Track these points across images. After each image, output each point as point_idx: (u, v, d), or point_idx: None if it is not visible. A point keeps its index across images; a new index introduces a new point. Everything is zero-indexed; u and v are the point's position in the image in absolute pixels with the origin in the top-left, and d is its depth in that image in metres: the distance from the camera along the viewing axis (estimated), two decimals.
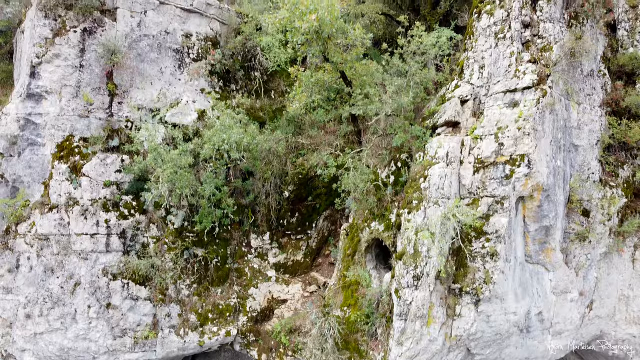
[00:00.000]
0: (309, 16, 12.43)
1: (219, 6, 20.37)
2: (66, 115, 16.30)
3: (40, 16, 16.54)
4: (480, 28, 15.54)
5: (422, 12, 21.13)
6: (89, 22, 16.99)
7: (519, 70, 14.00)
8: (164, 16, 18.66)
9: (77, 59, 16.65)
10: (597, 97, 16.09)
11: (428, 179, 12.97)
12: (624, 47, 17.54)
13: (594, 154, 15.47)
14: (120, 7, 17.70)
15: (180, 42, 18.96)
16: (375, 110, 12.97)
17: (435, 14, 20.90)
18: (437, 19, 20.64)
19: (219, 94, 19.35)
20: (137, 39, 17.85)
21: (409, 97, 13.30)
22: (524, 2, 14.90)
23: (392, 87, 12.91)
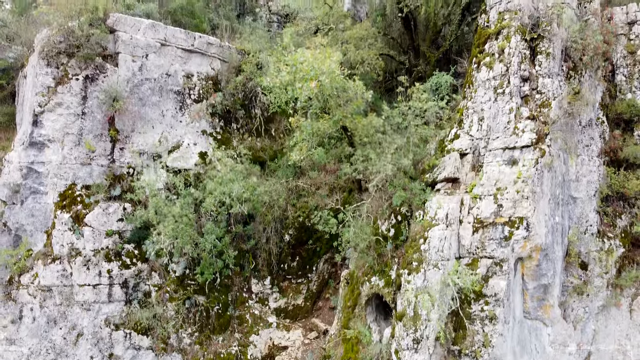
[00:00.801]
0: (310, 83, 12.55)
1: (220, 44, 20.48)
2: (68, 163, 16.42)
3: (43, 64, 16.65)
4: (479, 79, 15.65)
5: (422, 48, 21.25)
6: (91, 69, 17.11)
7: (518, 128, 14.13)
8: (165, 58, 18.77)
9: (79, 107, 16.77)
10: (595, 147, 16.22)
11: (428, 241, 13.11)
12: (623, 93, 17.69)
13: (592, 206, 15.60)
14: (122, 52, 17.80)
15: (182, 84, 19.08)
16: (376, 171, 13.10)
17: (435, 52, 21.03)
18: (437, 57, 20.77)
19: (220, 135, 19.48)
20: (138, 84, 17.96)
21: (409, 160, 13.43)
22: (522, 57, 15.02)
23: (392, 149, 13.04)
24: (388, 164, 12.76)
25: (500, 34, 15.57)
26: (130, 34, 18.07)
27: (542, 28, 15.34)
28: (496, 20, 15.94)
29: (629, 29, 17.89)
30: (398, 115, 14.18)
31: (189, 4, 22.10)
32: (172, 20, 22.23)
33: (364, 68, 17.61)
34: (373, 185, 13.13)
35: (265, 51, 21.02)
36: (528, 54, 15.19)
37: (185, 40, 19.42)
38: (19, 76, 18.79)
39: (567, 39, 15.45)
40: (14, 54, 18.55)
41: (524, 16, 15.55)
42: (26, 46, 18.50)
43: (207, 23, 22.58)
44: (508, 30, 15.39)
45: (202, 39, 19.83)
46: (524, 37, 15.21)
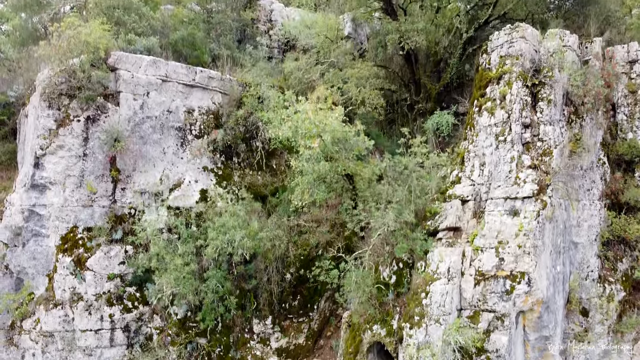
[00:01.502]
0: (312, 141, 12.57)
1: (220, 78, 20.47)
2: (70, 206, 16.43)
3: (44, 106, 16.65)
4: (481, 124, 15.67)
5: (423, 80, 21.25)
6: (92, 109, 17.10)
7: (520, 178, 14.15)
8: (166, 94, 18.77)
9: (80, 149, 16.77)
10: (596, 190, 16.26)
11: (430, 296, 13.14)
12: (624, 132, 17.72)
13: (594, 251, 15.64)
14: (124, 91, 17.81)
15: (183, 120, 19.08)
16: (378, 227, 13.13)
17: (436, 84, 21.02)
18: (439, 89, 20.77)
19: (222, 170, 19.48)
20: (140, 122, 17.96)
21: (411, 212, 13.46)
22: (524, 104, 15.05)
23: (393, 203, 13.07)
24: (390, 221, 12.80)
25: (502, 79, 15.59)
26: (132, 72, 18.07)
27: (543, 74, 15.37)
28: (497, 64, 15.96)
29: (629, 67, 17.92)
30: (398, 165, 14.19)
31: (190, 36, 22.06)
32: (173, 51, 22.18)
33: (365, 108, 17.63)
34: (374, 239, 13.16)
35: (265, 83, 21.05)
36: (529, 100, 15.21)
37: (187, 75, 19.42)
38: (20, 114, 18.79)
39: (568, 84, 15.47)
40: (15, 93, 18.54)
41: (525, 61, 15.59)
42: (27, 84, 18.48)
43: (208, 54, 22.54)
44: (509, 76, 15.42)
45: (203, 73, 19.83)
46: (525, 84, 15.24)
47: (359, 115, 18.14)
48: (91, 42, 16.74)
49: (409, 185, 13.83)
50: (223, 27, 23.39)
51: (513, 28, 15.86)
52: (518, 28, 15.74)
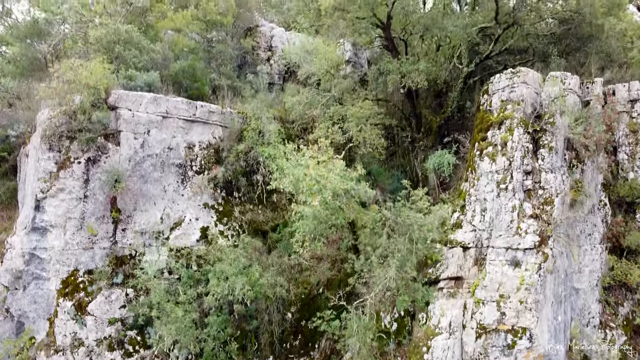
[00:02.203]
0: (313, 198, 12.55)
1: (221, 112, 20.44)
2: (71, 249, 16.41)
3: (45, 148, 16.63)
4: (482, 168, 15.66)
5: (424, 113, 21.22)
6: (93, 150, 17.08)
7: (521, 228, 14.15)
8: (167, 130, 18.73)
9: (81, 190, 16.75)
10: (597, 234, 16.26)
11: (431, 351, 13.15)
12: (625, 171, 17.72)
13: (595, 296, 15.65)
14: (124, 130, 17.78)
15: (183, 156, 19.04)
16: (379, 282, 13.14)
17: (437, 117, 20.97)
18: (439, 122, 20.73)
19: (222, 206, 19.46)
20: (140, 161, 17.93)
21: (413, 268, 13.45)
22: (525, 151, 15.04)
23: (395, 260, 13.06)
24: (391, 279, 12.80)
25: (503, 125, 15.59)
26: (132, 110, 18.04)
27: (544, 120, 15.38)
28: (499, 108, 15.96)
29: (631, 106, 17.93)
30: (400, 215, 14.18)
31: (190, 67, 22.00)
32: (173, 82, 22.15)
33: (365, 149, 17.63)
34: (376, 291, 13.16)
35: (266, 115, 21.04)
36: (531, 147, 15.21)
37: (187, 110, 19.39)
38: (20, 152, 18.76)
39: (569, 130, 15.45)
40: (16, 132, 18.51)
41: (526, 106, 15.59)
42: (27, 123, 18.46)
43: (209, 85, 22.47)
44: (511, 122, 15.41)
45: (204, 108, 19.80)
46: (526, 130, 15.24)
47: (360, 155, 18.13)
48: (92, 84, 16.70)
49: (410, 235, 13.82)
50: (223, 56, 23.35)
51: (514, 73, 15.85)
52: (519, 73, 15.74)
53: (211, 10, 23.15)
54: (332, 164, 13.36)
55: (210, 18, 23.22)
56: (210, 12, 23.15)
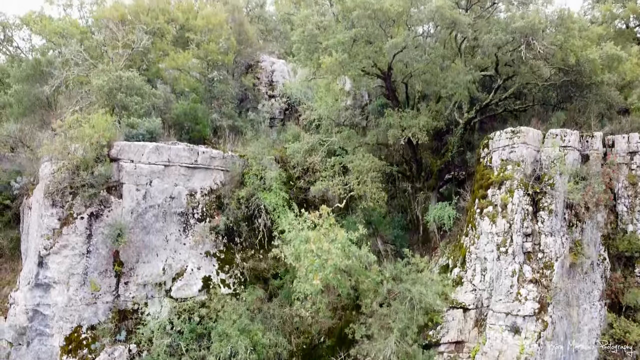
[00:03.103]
0: (315, 276, 12.65)
1: (222, 156, 20.54)
2: (74, 305, 16.51)
3: (48, 204, 16.73)
4: (483, 228, 15.78)
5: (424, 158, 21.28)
6: (96, 205, 17.17)
7: (521, 294, 14.27)
8: (169, 178, 18.82)
9: (84, 246, 16.85)
10: (597, 291, 16.37)
11: None
12: (624, 223, 17.82)
13: (594, 356, 15.77)
14: (126, 182, 17.88)
15: (185, 205, 19.14)
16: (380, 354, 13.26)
17: (437, 159, 21.01)
18: (440, 166, 20.79)
19: (224, 253, 19.56)
20: (142, 212, 18.04)
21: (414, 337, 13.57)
22: (525, 214, 15.15)
23: (396, 330, 13.16)
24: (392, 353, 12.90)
25: (503, 185, 15.70)
26: (135, 162, 18.13)
27: (544, 182, 15.48)
28: (499, 167, 16.07)
29: (630, 158, 18.03)
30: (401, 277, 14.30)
31: (192, 109, 22.11)
32: (175, 124, 22.28)
33: (366, 202, 17.72)
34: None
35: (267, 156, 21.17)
36: (531, 209, 15.31)
37: (189, 157, 19.49)
38: (23, 203, 18.85)
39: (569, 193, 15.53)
40: (19, 184, 18.60)
41: (526, 167, 15.69)
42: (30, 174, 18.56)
43: (210, 126, 22.60)
44: (511, 183, 15.52)
45: (205, 154, 19.90)
46: (526, 192, 15.35)
47: (362, 208, 18.23)
48: (94, 141, 16.82)
49: (412, 299, 13.93)
50: (225, 96, 23.44)
51: (514, 133, 15.97)
52: (519, 134, 15.85)
53: (212, 50, 23.24)
54: (333, 232, 13.45)
55: (212, 58, 23.30)
56: (212, 53, 23.24)
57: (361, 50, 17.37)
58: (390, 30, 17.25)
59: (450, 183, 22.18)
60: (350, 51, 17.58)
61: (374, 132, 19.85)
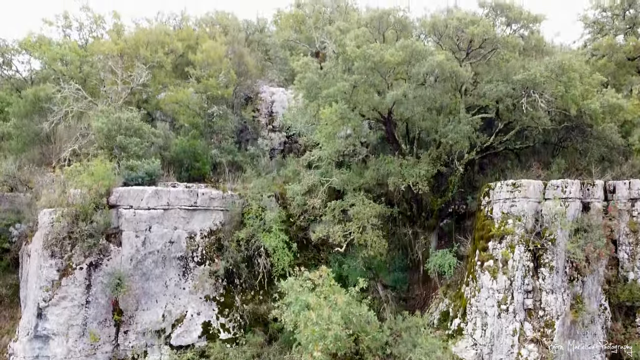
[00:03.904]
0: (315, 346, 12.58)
1: (222, 196, 20.46)
2: (73, 357, 16.45)
3: (47, 255, 16.67)
4: (483, 281, 15.74)
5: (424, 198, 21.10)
6: (95, 254, 17.12)
7: (522, 355, 14.23)
8: (168, 222, 18.75)
9: (83, 297, 16.79)
10: (597, 343, 16.33)
11: None
12: (625, 270, 17.75)
13: None
14: (125, 229, 17.83)
15: (185, 248, 19.08)
16: None
17: (438, 198, 20.92)
18: (440, 205, 20.69)
19: (223, 297, 19.48)
20: (142, 259, 17.98)
21: None
22: (526, 271, 15.10)
23: None
24: None
25: (504, 240, 15.65)
26: (134, 207, 18.08)
27: (545, 237, 15.42)
28: (500, 220, 16.03)
29: (631, 205, 17.96)
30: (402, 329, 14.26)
31: (191, 146, 22.04)
32: (174, 160, 22.21)
33: (367, 252, 17.68)
34: None
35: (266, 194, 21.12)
36: (532, 265, 15.27)
37: (188, 199, 19.42)
38: (22, 248, 18.77)
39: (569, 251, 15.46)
40: (18, 231, 18.55)
41: (527, 222, 15.64)
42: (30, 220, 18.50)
43: (210, 163, 22.50)
44: (512, 238, 15.47)
45: (205, 195, 19.82)
46: (527, 248, 15.30)
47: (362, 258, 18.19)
48: (92, 192, 16.78)
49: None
50: (224, 131, 23.34)
51: (516, 187, 15.92)
52: (520, 187, 15.80)
53: (212, 85, 23.14)
54: (333, 295, 13.39)
55: (211, 93, 23.20)
56: (211, 88, 23.14)
57: (361, 97, 17.30)
58: (391, 77, 17.16)
59: (450, 217, 22.12)
60: (350, 99, 17.51)
61: (374, 173, 19.68)
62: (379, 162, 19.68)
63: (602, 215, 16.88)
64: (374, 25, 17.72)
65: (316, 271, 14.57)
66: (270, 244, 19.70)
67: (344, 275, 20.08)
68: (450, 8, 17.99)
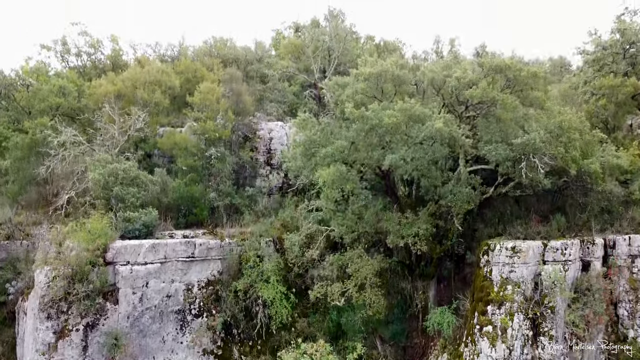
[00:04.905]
0: None
1: (220, 245, 20.35)
2: None
3: (43, 317, 16.56)
4: (482, 347, 15.65)
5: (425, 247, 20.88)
6: (91, 315, 17.03)
7: None
8: (165, 275, 18.67)
9: (80, 358, 16.70)
10: None
11: None
12: (624, 327, 17.65)
13: None
14: (122, 287, 17.73)
15: (182, 301, 19.00)
16: None
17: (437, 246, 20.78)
18: (439, 254, 20.56)
19: (221, 349, 19.40)
20: (139, 316, 17.90)
21: None
22: (525, 340, 15.02)
23: None
24: None
25: (503, 306, 15.56)
26: (131, 263, 18.01)
27: (544, 305, 15.32)
28: (499, 284, 15.95)
29: (631, 261, 17.86)
30: None
31: (189, 192, 21.90)
32: (172, 206, 22.08)
33: (365, 312, 17.57)
34: None
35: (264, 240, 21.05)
36: (531, 334, 15.16)
37: (186, 250, 19.35)
38: (19, 304, 18.66)
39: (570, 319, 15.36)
40: (14, 288, 18.44)
41: (527, 288, 15.56)
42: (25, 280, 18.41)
43: (207, 208, 22.36)
44: (511, 305, 15.39)
45: (202, 246, 19.73)
46: (527, 316, 15.20)
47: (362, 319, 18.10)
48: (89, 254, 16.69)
49: None
50: (222, 173, 23.19)
51: (515, 252, 15.85)
52: (520, 253, 15.73)
53: (209, 129, 22.99)
54: None
55: (209, 136, 23.06)
56: (209, 131, 23.00)
57: (360, 155, 17.19)
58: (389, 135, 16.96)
59: (450, 260, 22.01)
60: (348, 156, 17.40)
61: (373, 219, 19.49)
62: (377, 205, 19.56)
63: (602, 277, 16.76)
64: (372, 81, 17.57)
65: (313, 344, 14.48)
66: (268, 296, 19.60)
67: (342, 326, 20.01)
68: (449, 63, 17.82)
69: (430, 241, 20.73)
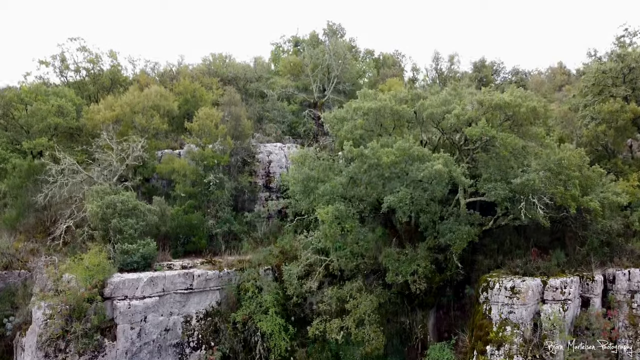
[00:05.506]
0: None
1: (218, 276, 20.32)
2: None
3: (41, 356, 16.54)
4: None
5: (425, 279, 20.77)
6: (89, 352, 16.98)
7: None
8: (163, 308, 18.63)
9: None
10: None
11: None
12: None
13: None
14: (120, 323, 17.66)
15: (181, 335, 18.97)
16: None
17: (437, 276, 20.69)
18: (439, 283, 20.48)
19: None
20: (137, 351, 17.85)
21: None
22: None
23: None
24: None
25: (502, 347, 15.50)
26: (129, 298, 17.93)
27: (544, 347, 15.29)
28: (498, 324, 15.92)
29: (630, 296, 17.79)
30: None
31: (187, 220, 21.83)
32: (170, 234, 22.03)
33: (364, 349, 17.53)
34: None
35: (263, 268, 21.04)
36: None
37: (184, 282, 19.32)
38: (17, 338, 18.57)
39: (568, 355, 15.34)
40: (12, 324, 18.36)
41: (526, 329, 15.52)
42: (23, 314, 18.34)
43: (206, 236, 22.30)
44: (510, 347, 15.34)
45: (201, 277, 19.70)
46: (526, 358, 15.15)
47: (361, 355, 18.06)
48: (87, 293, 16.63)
49: None
50: (221, 200, 23.11)
51: (514, 292, 15.79)
52: (519, 294, 15.68)
53: (208, 155, 22.92)
54: None
55: (208, 163, 22.98)
56: (207, 158, 22.92)
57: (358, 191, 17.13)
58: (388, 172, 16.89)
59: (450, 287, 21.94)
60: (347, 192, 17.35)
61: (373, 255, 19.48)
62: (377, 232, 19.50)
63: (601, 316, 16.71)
64: (371, 116, 17.51)
65: None
66: (267, 329, 19.55)
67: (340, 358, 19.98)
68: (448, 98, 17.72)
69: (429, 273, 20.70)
